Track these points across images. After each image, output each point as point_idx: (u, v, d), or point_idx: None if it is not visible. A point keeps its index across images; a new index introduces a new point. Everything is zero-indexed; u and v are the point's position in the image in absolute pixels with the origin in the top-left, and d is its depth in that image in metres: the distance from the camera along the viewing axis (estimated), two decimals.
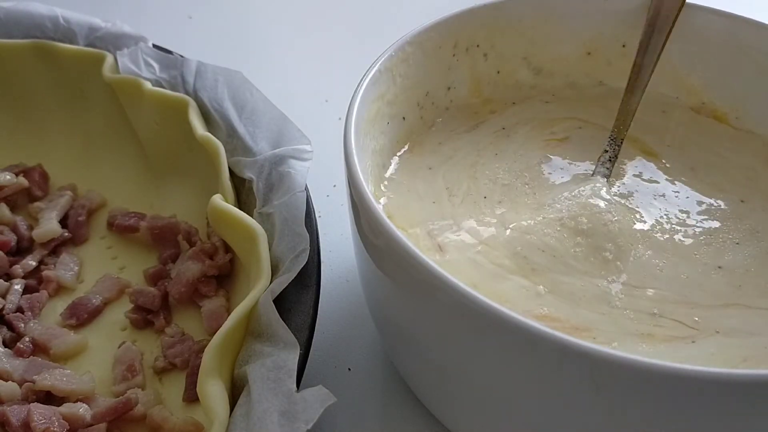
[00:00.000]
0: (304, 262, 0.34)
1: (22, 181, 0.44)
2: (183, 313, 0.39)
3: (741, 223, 0.35)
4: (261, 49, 0.64)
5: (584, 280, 0.32)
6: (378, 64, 0.35)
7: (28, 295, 0.39)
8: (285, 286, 0.33)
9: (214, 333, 0.32)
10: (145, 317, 0.39)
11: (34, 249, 0.42)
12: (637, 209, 0.36)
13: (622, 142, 0.38)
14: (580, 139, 0.40)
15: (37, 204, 0.44)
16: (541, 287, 0.31)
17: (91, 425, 0.33)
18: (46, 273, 0.40)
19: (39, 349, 0.37)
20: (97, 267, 0.42)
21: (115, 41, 0.47)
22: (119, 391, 0.35)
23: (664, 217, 0.35)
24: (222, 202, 0.37)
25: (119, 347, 0.37)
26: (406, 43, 0.37)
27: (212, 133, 0.41)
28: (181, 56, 0.46)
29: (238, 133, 0.41)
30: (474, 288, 0.25)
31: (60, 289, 0.41)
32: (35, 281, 0.41)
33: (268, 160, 0.38)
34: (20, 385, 0.34)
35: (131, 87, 0.44)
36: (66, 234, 0.43)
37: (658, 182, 0.37)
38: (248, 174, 0.39)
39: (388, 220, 0.27)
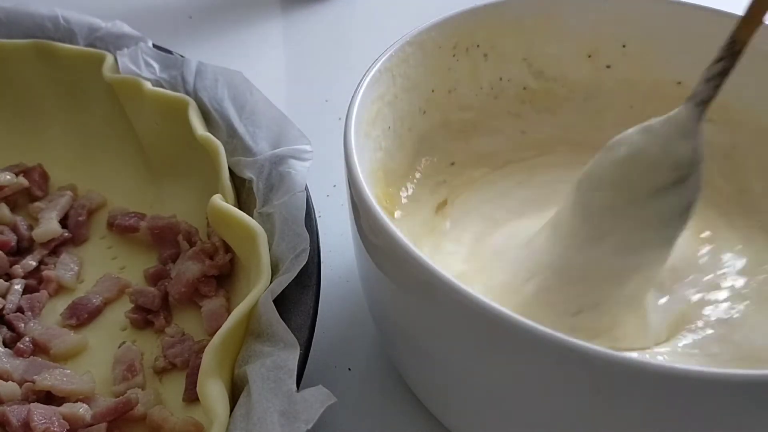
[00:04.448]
0: (304, 262, 0.34)
1: (22, 181, 0.44)
2: (183, 313, 0.39)
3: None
4: (261, 49, 0.64)
5: None
6: (378, 64, 0.35)
7: (28, 295, 0.39)
8: (285, 286, 0.33)
9: (214, 333, 0.31)
10: (145, 317, 0.39)
11: (34, 249, 0.42)
12: None
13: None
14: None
15: (37, 204, 0.44)
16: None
17: (91, 425, 0.33)
18: (46, 273, 0.40)
19: (39, 349, 0.37)
20: (97, 267, 0.42)
21: (115, 41, 0.47)
22: (119, 391, 0.35)
23: None
24: (222, 202, 0.37)
25: (119, 347, 0.37)
26: (406, 43, 0.37)
27: (212, 133, 0.41)
28: (181, 56, 0.46)
29: (238, 133, 0.41)
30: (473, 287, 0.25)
31: (60, 289, 0.41)
32: (35, 281, 0.40)
33: (268, 160, 0.38)
34: (20, 385, 0.34)
35: (131, 87, 0.44)
36: (66, 234, 0.43)
37: None
38: (248, 174, 0.39)
39: (388, 220, 0.27)
